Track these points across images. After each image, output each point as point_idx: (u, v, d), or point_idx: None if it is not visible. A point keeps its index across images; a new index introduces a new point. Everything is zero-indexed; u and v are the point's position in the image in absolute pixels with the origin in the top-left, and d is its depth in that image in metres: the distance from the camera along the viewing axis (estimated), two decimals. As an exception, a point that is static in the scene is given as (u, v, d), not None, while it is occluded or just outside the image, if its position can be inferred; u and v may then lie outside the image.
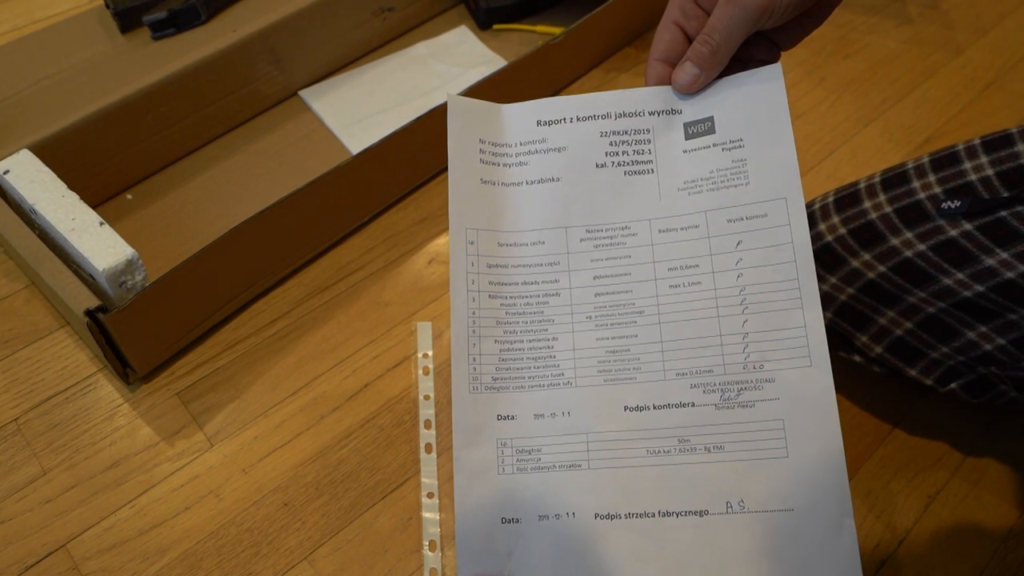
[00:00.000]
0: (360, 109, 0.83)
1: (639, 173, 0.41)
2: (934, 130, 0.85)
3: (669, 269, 0.39)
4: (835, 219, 0.57)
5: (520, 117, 0.42)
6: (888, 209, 0.55)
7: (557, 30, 0.89)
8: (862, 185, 0.58)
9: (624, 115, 0.41)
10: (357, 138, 0.80)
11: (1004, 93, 0.88)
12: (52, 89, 0.72)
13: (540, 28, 0.91)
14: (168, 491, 0.58)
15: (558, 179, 0.41)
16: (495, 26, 0.92)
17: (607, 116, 0.41)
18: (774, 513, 0.36)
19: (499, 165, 0.41)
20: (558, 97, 0.42)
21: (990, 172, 0.53)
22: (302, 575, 0.55)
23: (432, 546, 0.56)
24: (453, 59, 0.88)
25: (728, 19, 0.38)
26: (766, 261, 0.38)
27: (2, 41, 0.83)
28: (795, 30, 0.41)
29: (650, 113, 0.41)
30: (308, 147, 0.80)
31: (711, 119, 0.40)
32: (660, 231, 0.40)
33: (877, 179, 0.58)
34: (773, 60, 0.41)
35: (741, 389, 0.37)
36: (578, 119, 0.41)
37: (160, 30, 0.76)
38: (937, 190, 0.54)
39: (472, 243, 0.40)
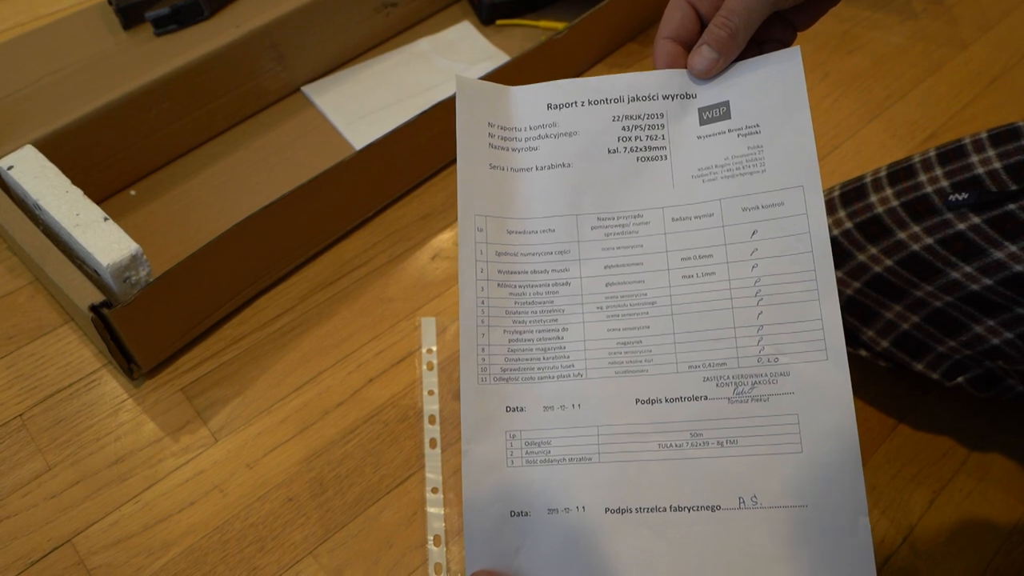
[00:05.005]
0: (363, 105, 0.83)
1: (652, 159, 0.39)
2: (938, 126, 0.84)
3: (682, 259, 0.38)
4: (841, 213, 0.57)
5: (530, 100, 0.40)
6: (895, 203, 0.55)
7: (560, 25, 0.88)
8: (868, 179, 0.58)
9: (637, 99, 0.40)
10: (360, 134, 0.80)
11: (1008, 89, 0.88)
12: (55, 85, 0.71)
13: (543, 23, 0.91)
14: (173, 486, 0.58)
15: (569, 165, 0.40)
16: (498, 21, 0.92)
17: (619, 100, 0.40)
18: (787, 509, 0.35)
19: (508, 150, 0.40)
20: (569, 80, 0.40)
21: (997, 165, 0.53)
22: (307, 570, 0.55)
23: (437, 541, 0.56)
24: (456, 55, 0.88)
25: (747, 0, 0.37)
26: (782, 251, 0.37)
27: (5, 38, 0.83)
28: (812, 9, 0.40)
29: (664, 97, 0.40)
30: (311, 143, 0.80)
31: (727, 104, 0.39)
32: (673, 219, 0.39)
33: (883, 173, 0.57)
34: (789, 40, 0.40)
35: (755, 383, 0.36)
36: (590, 103, 0.40)
37: (163, 26, 0.76)
38: (944, 183, 0.54)
39: (481, 230, 0.38)
